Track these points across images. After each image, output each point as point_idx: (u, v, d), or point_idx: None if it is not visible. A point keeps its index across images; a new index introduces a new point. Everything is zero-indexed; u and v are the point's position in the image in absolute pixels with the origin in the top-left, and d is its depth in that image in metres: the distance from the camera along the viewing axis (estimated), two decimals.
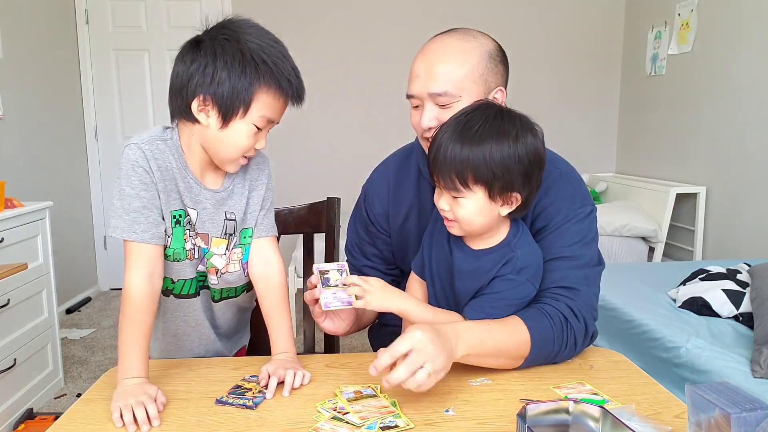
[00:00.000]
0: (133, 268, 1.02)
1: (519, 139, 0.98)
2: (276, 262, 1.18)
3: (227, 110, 1.01)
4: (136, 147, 1.04)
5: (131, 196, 1.03)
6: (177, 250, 1.11)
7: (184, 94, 1.02)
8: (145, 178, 1.04)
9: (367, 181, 1.35)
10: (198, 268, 1.16)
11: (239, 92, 1.00)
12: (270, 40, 1.03)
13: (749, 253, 3.03)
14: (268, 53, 1.00)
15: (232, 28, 1.02)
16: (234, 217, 1.15)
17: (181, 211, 1.09)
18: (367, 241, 1.32)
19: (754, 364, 1.71)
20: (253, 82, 1.00)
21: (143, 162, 1.04)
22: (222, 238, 1.15)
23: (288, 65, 1.03)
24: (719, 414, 0.64)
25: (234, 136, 1.04)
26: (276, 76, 1.01)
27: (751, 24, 3.04)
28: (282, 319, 1.14)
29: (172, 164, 1.07)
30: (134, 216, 1.03)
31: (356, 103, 4.23)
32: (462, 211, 1.00)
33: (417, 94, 1.12)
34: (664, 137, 3.85)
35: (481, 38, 1.13)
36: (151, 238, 1.04)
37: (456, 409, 0.92)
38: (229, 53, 0.99)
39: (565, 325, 1.05)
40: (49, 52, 3.62)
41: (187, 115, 1.04)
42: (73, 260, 3.81)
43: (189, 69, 1.01)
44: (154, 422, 0.88)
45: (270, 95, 1.02)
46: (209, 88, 1.00)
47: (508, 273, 1.03)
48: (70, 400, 2.58)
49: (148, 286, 1.03)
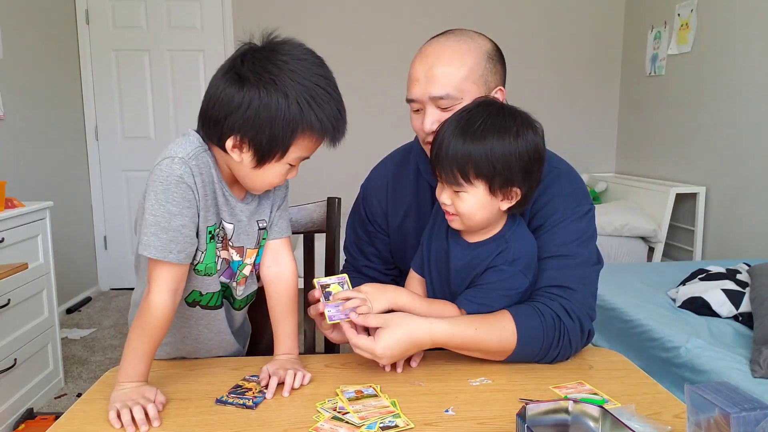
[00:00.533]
0: (161, 286, 0.99)
1: (520, 136, 1.00)
2: (290, 265, 1.16)
3: (263, 155, 0.97)
4: (182, 162, 0.97)
5: (172, 214, 0.97)
6: (209, 265, 1.07)
7: (220, 128, 0.97)
8: (189, 195, 0.98)
9: (365, 180, 1.35)
10: (221, 279, 1.13)
11: (279, 139, 0.96)
12: (319, 77, 0.97)
13: (749, 253, 3.03)
14: (314, 95, 0.95)
15: (278, 62, 0.95)
16: (265, 225, 1.14)
17: (215, 226, 1.06)
18: (366, 240, 1.32)
19: (754, 364, 1.71)
20: (296, 129, 0.95)
21: (189, 178, 0.98)
22: (254, 248, 1.14)
23: (333, 107, 0.98)
24: (719, 414, 0.64)
25: (267, 175, 1.01)
26: (320, 120, 0.96)
27: (751, 24, 3.05)
28: (290, 322, 1.14)
29: (214, 177, 1.03)
30: (173, 235, 0.98)
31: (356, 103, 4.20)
32: (463, 205, 1.02)
33: (418, 98, 1.12)
34: (664, 137, 3.85)
35: (478, 39, 1.14)
36: (185, 259, 1.00)
37: (456, 409, 0.92)
38: (274, 96, 0.93)
39: (558, 324, 1.05)
40: (49, 52, 3.62)
41: (220, 146, 0.99)
42: (73, 260, 3.81)
43: (229, 104, 0.95)
44: (154, 422, 0.88)
45: (311, 139, 0.98)
46: (248, 132, 0.95)
47: (500, 264, 1.05)
48: (70, 400, 2.58)
49: (171, 305, 1.00)
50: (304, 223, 1.49)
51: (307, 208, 1.49)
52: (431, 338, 1.02)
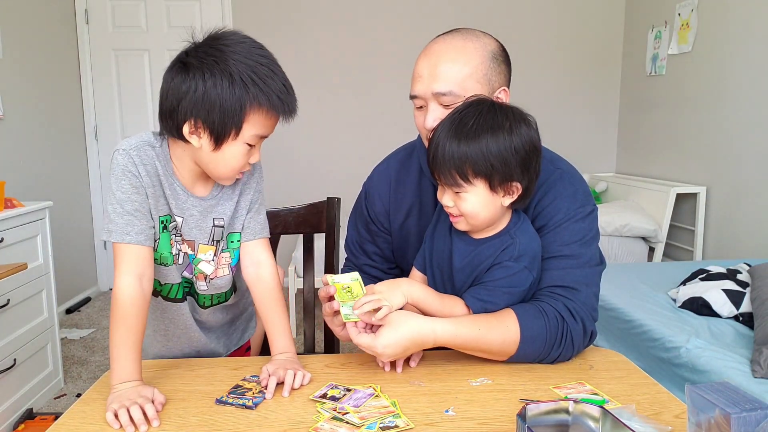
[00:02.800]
0: (123, 271, 1.02)
1: (513, 130, 1.01)
2: (267, 263, 1.18)
3: (219, 134, 1.00)
4: (124, 153, 1.04)
5: (123, 200, 1.03)
6: (164, 254, 1.11)
7: (175, 117, 1.01)
8: (135, 182, 1.04)
9: (368, 178, 1.35)
10: (183, 275, 1.16)
11: (230, 116, 0.99)
12: (259, 56, 1.01)
13: (749, 253, 3.03)
14: (257, 72, 0.99)
15: (219, 47, 0.99)
16: (222, 223, 1.15)
17: (167, 217, 1.10)
18: (368, 239, 1.32)
19: (754, 364, 1.71)
20: (244, 103, 0.99)
21: (132, 167, 1.04)
22: (209, 244, 1.15)
23: (278, 81, 1.01)
24: (719, 414, 0.64)
25: (227, 156, 1.03)
26: (266, 94, 0.99)
27: (751, 24, 3.04)
28: (279, 319, 1.14)
29: (158, 170, 1.07)
30: (128, 219, 1.03)
31: (356, 103, 4.23)
32: (466, 205, 1.02)
33: (421, 95, 1.12)
34: (664, 137, 3.85)
35: (483, 38, 1.14)
36: (144, 240, 1.05)
37: (456, 409, 0.92)
38: (218, 76, 0.97)
39: (561, 324, 1.05)
40: (49, 52, 3.62)
41: (179, 135, 1.03)
42: (73, 260, 3.81)
43: (178, 91, 1.00)
44: (153, 422, 0.88)
45: (261, 114, 1.01)
46: (200, 113, 0.99)
47: (505, 260, 1.05)
48: (70, 400, 2.58)
49: (138, 288, 1.02)
50: (304, 223, 1.49)
51: (307, 208, 1.49)
52: (434, 338, 1.01)
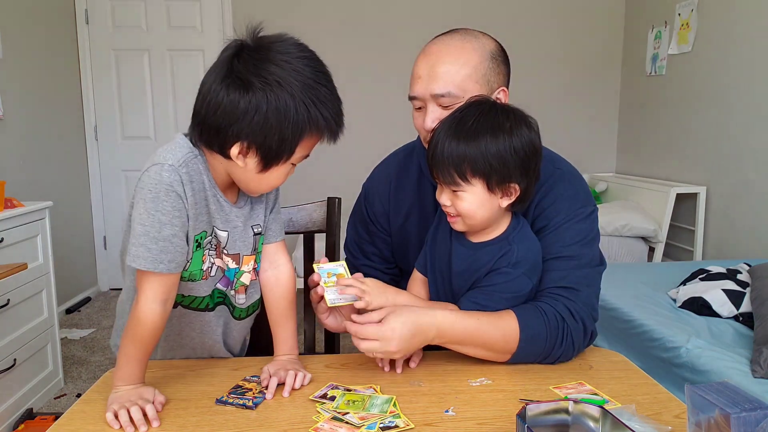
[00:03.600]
0: (151, 297, 0.96)
1: (514, 132, 1.00)
2: (286, 267, 1.15)
3: (271, 159, 0.96)
4: (172, 170, 0.94)
5: (162, 223, 0.94)
6: (193, 272, 1.05)
7: (223, 135, 0.94)
8: (179, 204, 0.95)
9: (367, 179, 1.35)
10: (217, 287, 1.11)
11: (288, 142, 0.94)
12: (319, 74, 0.95)
13: (749, 253, 3.03)
14: (318, 96, 0.93)
15: (279, 62, 0.92)
16: (260, 230, 1.12)
17: (203, 233, 1.03)
18: (367, 239, 1.32)
19: (754, 364, 1.71)
20: (304, 130, 0.94)
21: (178, 186, 0.95)
22: (251, 254, 1.12)
23: (335, 104, 0.97)
24: (719, 414, 0.64)
25: (271, 178, 1.00)
26: (325, 119, 0.95)
27: (751, 24, 3.04)
28: (289, 324, 1.13)
29: (205, 184, 1.00)
30: (163, 245, 0.95)
31: (356, 103, 4.21)
32: (463, 205, 1.02)
33: (420, 96, 1.12)
34: (664, 137, 3.85)
35: (482, 38, 1.14)
36: (176, 268, 0.98)
37: (456, 409, 0.92)
38: (282, 100, 0.91)
39: (561, 325, 1.05)
40: (49, 52, 3.62)
41: (222, 153, 0.97)
42: (73, 260, 3.81)
43: (234, 111, 0.92)
44: (153, 423, 0.88)
45: (315, 138, 0.98)
46: (256, 138, 0.93)
47: (503, 266, 1.04)
48: (70, 400, 2.58)
49: (162, 313, 0.98)
50: (304, 223, 1.49)
51: (307, 208, 1.49)
52: (436, 326, 1.00)
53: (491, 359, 1.06)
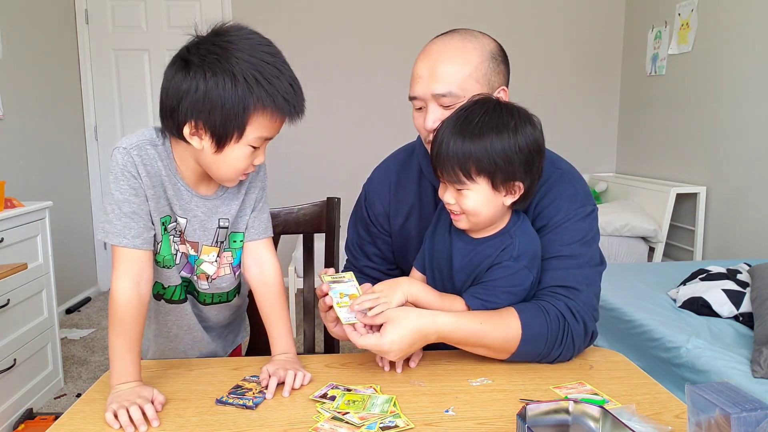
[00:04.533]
0: (121, 274, 1.00)
1: (518, 130, 1.00)
2: (271, 263, 1.16)
3: (221, 136, 0.97)
4: (124, 151, 1.01)
5: (121, 201, 1.01)
6: (166, 257, 1.09)
7: (175, 117, 0.97)
8: (134, 183, 1.01)
9: (367, 180, 1.35)
10: (181, 274, 1.14)
11: (232, 117, 0.95)
12: (265, 54, 0.96)
13: (749, 253, 3.03)
14: (261, 71, 0.94)
15: (222, 44, 0.94)
16: (227, 224, 1.13)
17: (167, 218, 1.07)
18: (368, 240, 1.32)
19: (754, 364, 1.71)
20: (247, 105, 0.94)
21: (131, 167, 1.01)
22: (213, 245, 1.13)
23: (284, 81, 0.96)
24: (719, 414, 0.64)
25: (230, 159, 1.00)
26: (271, 95, 0.95)
27: (751, 24, 3.04)
28: (280, 320, 1.14)
29: (161, 170, 1.04)
30: (125, 221, 1.01)
31: (356, 103, 4.22)
32: (468, 203, 1.02)
33: (420, 96, 1.12)
34: (664, 137, 3.85)
35: (482, 38, 1.14)
36: (142, 243, 1.02)
37: (456, 409, 0.92)
38: (220, 75, 0.93)
39: (563, 324, 1.05)
40: (49, 52, 3.62)
41: (179, 136, 0.99)
42: (73, 260, 3.81)
43: (178, 90, 0.95)
44: (153, 423, 0.88)
45: (266, 116, 0.97)
46: (200, 114, 0.95)
47: (505, 260, 1.04)
48: (70, 400, 2.58)
49: (135, 292, 1.00)
50: (304, 223, 1.49)
51: (307, 208, 1.49)
52: (436, 330, 1.01)
53: (491, 357, 1.07)
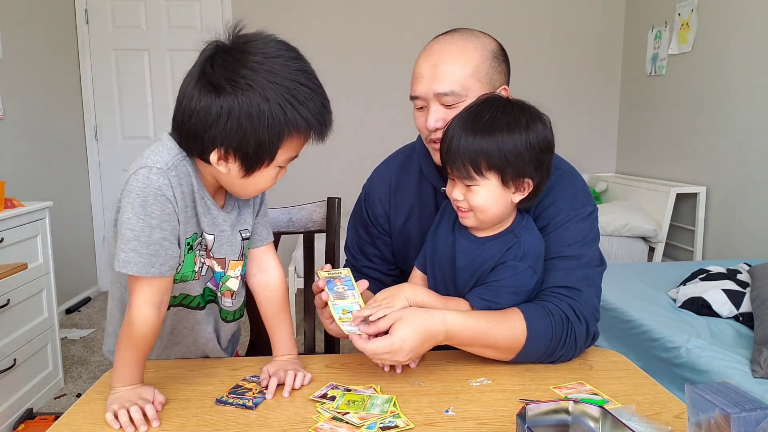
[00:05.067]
0: (143, 300, 0.95)
1: (530, 127, 1.01)
2: (275, 269, 1.15)
3: (252, 163, 0.93)
4: (160, 172, 0.92)
5: (152, 227, 0.92)
6: (186, 273, 1.04)
7: (201, 141, 0.91)
8: (168, 207, 0.93)
9: (367, 181, 1.35)
10: (207, 285, 1.10)
11: (267, 146, 0.91)
12: (298, 73, 0.91)
13: (749, 253, 3.03)
14: (296, 95, 0.89)
15: (251, 64, 0.89)
16: (248, 234, 1.10)
17: (194, 235, 1.01)
18: (368, 241, 1.32)
19: (754, 364, 1.71)
20: (282, 133, 0.90)
21: (168, 190, 0.92)
22: (239, 260, 1.10)
23: (317, 101, 0.92)
24: (719, 414, 0.64)
25: (257, 182, 0.97)
26: (305, 119, 0.91)
27: (751, 24, 3.04)
28: (283, 324, 1.13)
29: (194, 186, 0.98)
30: (154, 249, 0.93)
31: (356, 103, 4.22)
32: (476, 199, 1.02)
33: (422, 95, 1.12)
34: (664, 137, 3.85)
35: (483, 38, 1.14)
36: (168, 271, 0.96)
37: (456, 409, 0.92)
38: (255, 103, 0.87)
39: (566, 324, 1.05)
40: (49, 52, 3.62)
41: (204, 159, 0.94)
42: (73, 260, 3.81)
43: (206, 117, 0.89)
44: (153, 423, 0.88)
45: (299, 139, 0.93)
46: (231, 143, 0.90)
47: (510, 259, 1.04)
48: (70, 400, 2.58)
49: (157, 317, 0.97)
50: (304, 223, 1.49)
51: (307, 208, 1.49)
52: (445, 328, 0.99)
53: (496, 358, 1.06)
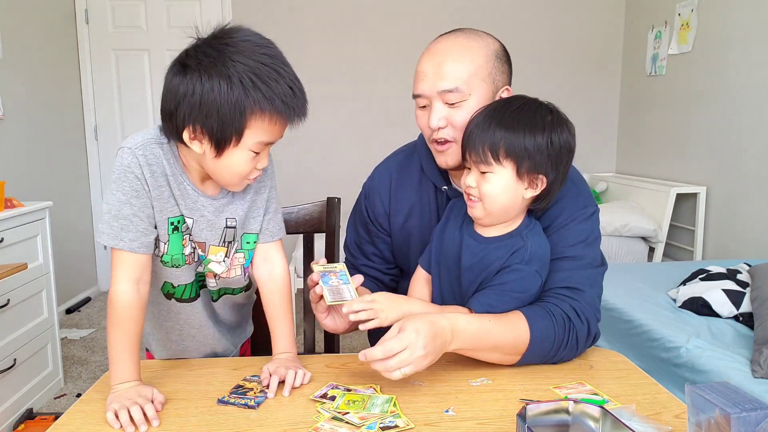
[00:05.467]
0: (119, 276, 1.00)
1: (555, 127, 1.03)
2: (281, 265, 1.16)
3: (219, 141, 0.95)
4: (129, 152, 0.99)
5: (121, 202, 0.99)
6: (175, 256, 1.07)
7: (174, 122, 0.96)
8: (137, 185, 1.00)
9: (368, 179, 1.35)
10: (197, 270, 1.14)
11: (230, 122, 0.93)
12: (263, 56, 0.94)
13: (749, 253, 3.03)
14: (258, 73, 0.92)
15: (219, 47, 0.93)
16: (234, 224, 1.11)
17: (180, 217, 1.05)
18: (367, 240, 1.32)
19: (754, 364, 1.71)
20: (244, 109, 0.92)
21: (136, 168, 0.99)
22: (220, 246, 1.12)
23: (283, 84, 0.94)
24: (719, 414, 0.64)
25: (231, 164, 0.98)
26: (269, 99, 0.92)
27: (751, 24, 3.04)
28: (285, 321, 1.14)
29: (166, 170, 1.02)
30: (123, 223, 1.00)
31: (356, 102, 4.22)
32: (488, 187, 1.02)
33: (425, 94, 1.12)
34: (664, 137, 3.85)
35: (486, 38, 1.14)
36: (138, 248, 1.01)
37: (456, 409, 0.92)
38: (215, 79, 0.91)
39: (568, 325, 1.05)
40: (49, 52, 3.62)
41: (180, 140, 0.98)
42: (73, 260, 3.81)
43: (176, 94, 0.94)
44: (153, 422, 0.88)
45: (264, 120, 0.94)
46: (198, 119, 0.93)
47: (516, 263, 1.04)
48: (70, 400, 2.58)
49: (135, 293, 1.00)
50: (304, 223, 1.49)
51: (307, 208, 1.49)
52: (451, 328, 0.97)
53: (501, 362, 1.05)
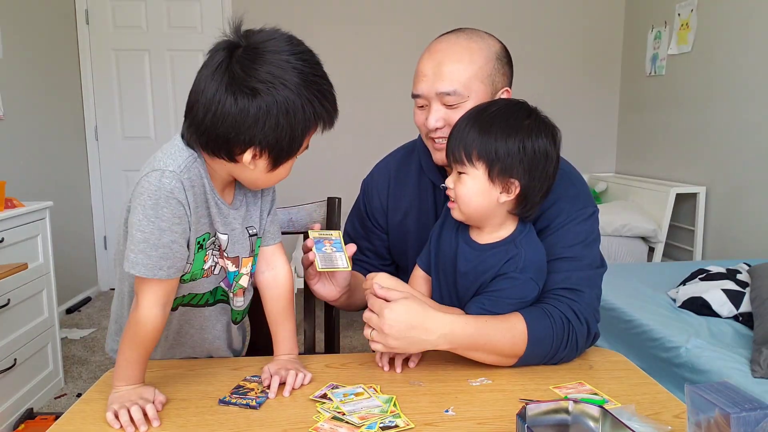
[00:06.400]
0: (150, 301, 0.96)
1: (531, 132, 1.01)
2: (284, 268, 1.15)
3: (280, 157, 0.97)
4: (173, 176, 0.93)
5: (161, 230, 0.93)
6: (195, 272, 1.04)
7: (234, 143, 0.93)
8: (179, 210, 0.94)
9: (368, 175, 1.35)
10: (220, 285, 1.11)
11: (298, 139, 0.96)
12: (315, 66, 0.95)
13: (749, 253, 3.03)
14: (317, 88, 0.94)
15: (277, 62, 0.91)
16: (255, 231, 1.11)
17: (206, 235, 1.02)
18: (362, 235, 1.32)
19: (754, 364, 1.71)
20: (309, 126, 0.96)
21: (180, 194, 0.93)
22: (249, 257, 1.11)
23: (332, 93, 0.98)
24: (719, 414, 0.64)
25: (280, 174, 1.01)
26: (329, 112, 0.97)
27: (751, 24, 3.04)
28: (287, 324, 1.13)
29: (206, 188, 0.99)
30: (163, 252, 0.93)
31: (357, 102, 4.22)
32: (462, 188, 1.02)
33: (424, 94, 1.12)
34: (664, 137, 3.85)
35: (487, 39, 1.14)
36: (175, 273, 0.97)
37: (456, 409, 0.92)
38: (290, 102, 0.91)
39: (567, 326, 1.05)
40: (49, 52, 3.62)
41: (230, 158, 0.96)
42: (73, 260, 3.81)
43: (246, 119, 0.91)
44: (153, 422, 0.88)
45: (317, 131, 0.99)
46: (268, 141, 0.93)
47: (510, 271, 1.03)
48: (70, 400, 2.58)
49: (162, 316, 0.98)
50: (304, 223, 1.49)
51: (307, 208, 1.49)
52: (449, 326, 0.98)
53: (499, 364, 1.05)
